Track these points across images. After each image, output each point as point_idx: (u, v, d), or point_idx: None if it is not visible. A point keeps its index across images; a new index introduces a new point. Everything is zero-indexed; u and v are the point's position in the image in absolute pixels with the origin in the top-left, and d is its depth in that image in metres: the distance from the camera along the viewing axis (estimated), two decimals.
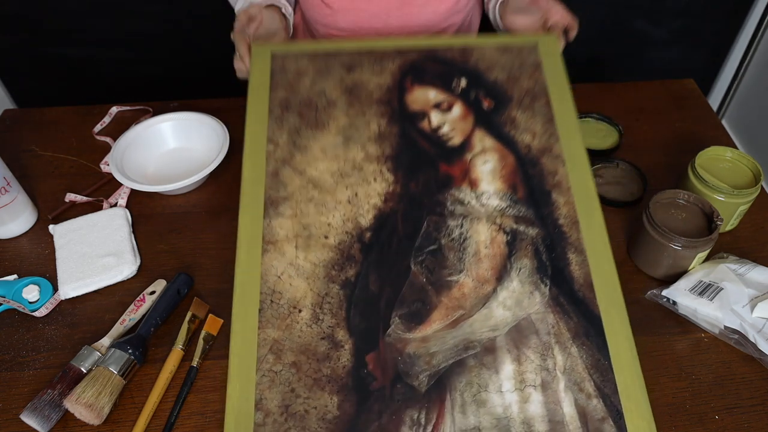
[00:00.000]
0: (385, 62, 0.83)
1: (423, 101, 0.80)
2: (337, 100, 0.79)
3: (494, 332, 0.65)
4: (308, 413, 0.60)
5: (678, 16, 1.76)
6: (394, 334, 0.65)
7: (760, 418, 0.62)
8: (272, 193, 0.72)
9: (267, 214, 0.71)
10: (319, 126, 0.77)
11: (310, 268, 0.68)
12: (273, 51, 0.84)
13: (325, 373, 0.62)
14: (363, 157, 0.75)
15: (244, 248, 0.68)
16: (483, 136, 0.77)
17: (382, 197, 0.72)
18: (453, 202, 0.72)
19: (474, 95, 0.81)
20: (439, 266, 0.68)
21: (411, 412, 0.60)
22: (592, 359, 0.63)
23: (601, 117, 0.95)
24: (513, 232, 0.70)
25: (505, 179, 0.74)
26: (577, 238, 0.69)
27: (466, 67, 0.83)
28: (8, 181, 0.77)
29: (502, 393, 0.61)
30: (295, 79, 0.82)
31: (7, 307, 0.72)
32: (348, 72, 0.82)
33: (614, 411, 0.60)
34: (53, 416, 0.61)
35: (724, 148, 0.80)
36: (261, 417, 0.59)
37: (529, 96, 0.80)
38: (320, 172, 0.74)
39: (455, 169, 0.75)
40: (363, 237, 0.70)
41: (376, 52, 0.84)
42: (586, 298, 0.66)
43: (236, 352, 0.62)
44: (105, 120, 0.97)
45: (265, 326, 0.64)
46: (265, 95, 0.80)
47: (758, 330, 0.66)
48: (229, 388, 0.60)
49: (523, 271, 0.68)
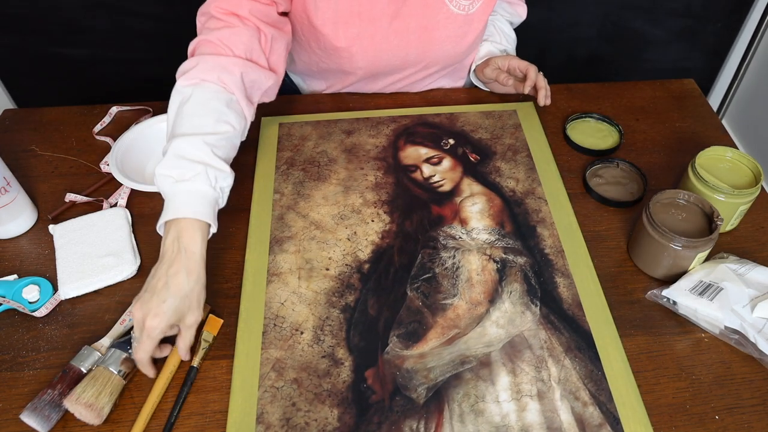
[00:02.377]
0: (381, 127, 0.94)
1: (415, 157, 0.89)
2: (338, 158, 0.89)
3: (489, 348, 0.67)
4: (309, 425, 0.61)
5: (678, 16, 1.76)
6: (393, 351, 0.67)
7: (760, 418, 0.62)
8: (277, 234, 0.79)
9: (272, 251, 0.77)
10: (321, 178, 0.86)
11: (311, 296, 0.72)
12: (280, 121, 0.95)
13: (325, 388, 0.64)
14: (361, 202, 0.83)
15: (250, 280, 0.74)
16: (471, 182, 0.85)
17: (379, 234, 0.79)
18: (445, 237, 0.78)
19: (461, 151, 0.90)
20: (434, 291, 0.73)
21: (410, 422, 0.61)
22: (586, 370, 0.65)
23: (601, 117, 0.95)
24: (503, 260, 0.76)
25: (493, 217, 0.81)
26: (563, 264, 0.75)
27: (454, 129, 0.94)
28: (8, 181, 0.77)
29: (499, 403, 0.63)
30: (299, 142, 0.92)
31: (7, 307, 0.72)
32: (347, 136, 0.93)
33: (611, 417, 0.62)
34: (53, 416, 0.61)
35: (724, 148, 0.80)
36: (262, 429, 0.61)
37: (511, 150, 0.90)
38: (322, 215, 0.81)
39: (446, 210, 0.82)
40: (362, 268, 0.75)
41: (372, 119, 0.95)
42: (575, 316, 0.70)
43: (239, 371, 0.66)
44: (105, 120, 0.97)
45: (268, 347, 0.68)
46: (272, 155, 0.90)
47: (758, 330, 0.66)
48: (231, 404, 0.63)
49: (513, 294, 0.72)
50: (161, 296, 0.61)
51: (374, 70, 0.95)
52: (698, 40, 1.83)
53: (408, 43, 0.91)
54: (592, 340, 0.68)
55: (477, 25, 0.91)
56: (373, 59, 0.92)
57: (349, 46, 0.89)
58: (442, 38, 0.91)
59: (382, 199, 0.83)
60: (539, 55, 1.81)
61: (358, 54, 0.90)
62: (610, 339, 0.68)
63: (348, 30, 0.87)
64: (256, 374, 0.65)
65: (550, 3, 1.70)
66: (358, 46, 0.89)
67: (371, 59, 0.92)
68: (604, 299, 0.71)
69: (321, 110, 0.98)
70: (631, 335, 0.69)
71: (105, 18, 1.63)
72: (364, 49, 0.90)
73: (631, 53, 1.86)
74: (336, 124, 0.94)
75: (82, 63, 1.74)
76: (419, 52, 0.93)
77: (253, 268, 0.75)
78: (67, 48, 1.70)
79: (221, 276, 0.75)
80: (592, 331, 0.68)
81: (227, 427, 0.61)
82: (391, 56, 0.92)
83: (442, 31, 0.90)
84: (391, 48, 0.91)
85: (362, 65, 0.92)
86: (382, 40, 0.89)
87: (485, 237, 0.78)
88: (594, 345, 0.67)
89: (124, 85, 1.80)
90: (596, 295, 0.72)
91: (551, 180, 0.85)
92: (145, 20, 1.64)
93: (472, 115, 0.96)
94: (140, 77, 1.78)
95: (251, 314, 0.70)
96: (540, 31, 1.73)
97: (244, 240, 0.79)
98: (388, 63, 0.93)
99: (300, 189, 0.85)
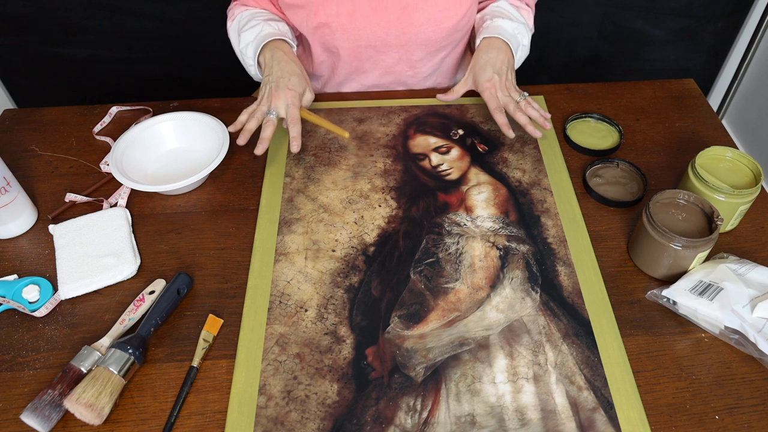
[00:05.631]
0: (392, 116, 0.96)
1: (424, 146, 0.91)
2: (348, 144, 0.92)
3: (488, 331, 0.69)
4: (309, 398, 0.64)
5: (678, 16, 1.76)
6: (393, 331, 0.69)
7: (760, 418, 0.62)
8: (286, 215, 0.81)
9: (280, 232, 0.79)
10: (332, 164, 0.89)
11: (317, 276, 0.74)
12: None
13: (326, 363, 0.66)
14: (369, 188, 0.85)
15: (257, 258, 0.76)
16: (478, 172, 0.87)
17: (386, 219, 0.81)
18: (450, 224, 0.80)
19: (470, 141, 0.91)
20: (437, 275, 0.74)
21: (407, 399, 0.63)
22: (582, 356, 0.67)
23: (601, 117, 0.95)
24: (505, 248, 0.77)
25: (498, 206, 0.82)
26: (565, 254, 0.76)
27: (463, 120, 0.95)
28: (8, 181, 0.77)
29: (495, 384, 0.64)
30: (312, 129, 0.94)
31: (7, 307, 0.72)
32: (359, 123, 0.95)
33: (605, 402, 0.63)
34: (53, 416, 0.61)
35: (724, 148, 0.80)
36: (264, 400, 0.63)
37: (519, 142, 0.91)
38: (330, 199, 0.83)
39: (452, 198, 0.83)
40: (367, 251, 0.77)
41: (383, 108, 0.98)
42: (575, 303, 0.71)
43: (244, 344, 0.68)
44: (105, 120, 0.97)
45: (273, 323, 0.70)
46: (284, 141, 0.92)
47: (758, 330, 0.66)
48: (235, 375, 0.65)
49: (515, 280, 0.74)
50: (285, 77, 0.85)
51: (356, 52, 0.96)
52: (698, 40, 1.83)
53: (387, 22, 0.93)
54: (590, 327, 0.69)
55: (458, 10, 0.93)
56: (353, 37, 0.94)
57: (329, 22, 0.92)
58: (422, 20, 0.93)
59: (390, 186, 0.85)
60: (539, 55, 1.81)
61: (338, 31, 0.93)
62: (608, 327, 0.69)
63: (327, 6, 0.91)
64: (260, 348, 0.67)
65: (550, 3, 1.70)
66: (338, 22, 0.92)
67: (351, 38, 0.94)
68: (605, 289, 0.72)
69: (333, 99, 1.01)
70: (631, 335, 0.69)
71: (105, 18, 1.63)
72: (343, 26, 0.92)
73: (631, 53, 1.86)
74: (348, 112, 0.97)
75: (82, 63, 1.74)
76: (399, 33, 0.94)
77: (261, 248, 0.77)
78: (67, 48, 1.70)
79: (221, 276, 0.75)
80: (590, 319, 0.69)
81: (230, 396, 0.64)
82: (370, 35, 0.94)
83: (422, 14, 0.92)
84: (370, 26, 0.93)
85: (343, 44, 0.95)
86: (360, 17, 0.92)
87: (489, 225, 0.79)
88: (592, 332, 0.68)
89: (124, 85, 1.80)
90: (596, 285, 0.73)
91: (558, 172, 0.87)
92: (145, 20, 1.64)
93: (482, 108, 0.97)
94: (140, 77, 1.78)
95: (258, 291, 0.73)
96: (540, 31, 1.73)
97: (244, 240, 0.79)
98: (368, 44, 0.95)
99: (310, 173, 0.87)
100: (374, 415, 0.62)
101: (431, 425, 0.61)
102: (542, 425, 0.61)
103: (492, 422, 0.61)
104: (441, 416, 0.62)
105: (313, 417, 0.62)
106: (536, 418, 0.61)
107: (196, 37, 1.67)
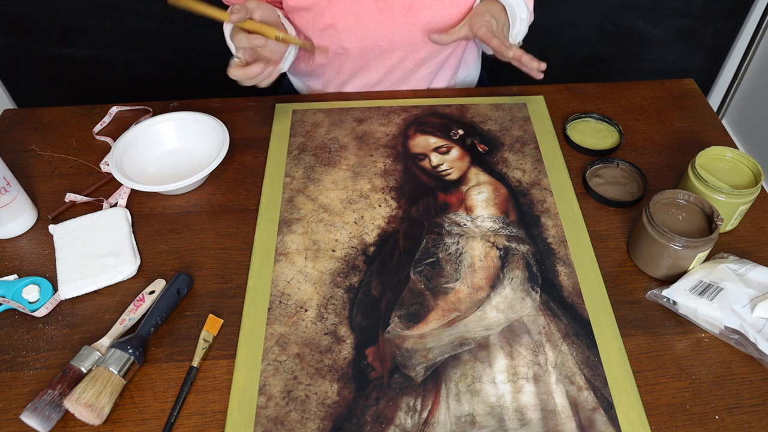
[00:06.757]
0: (392, 116, 0.96)
1: (424, 145, 0.91)
2: (348, 144, 0.91)
3: (488, 331, 0.69)
4: (309, 398, 0.64)
5: (678, 16, 1.76)
6: (393, 331, 0.69)
7: (760, 418, 0.62)
8: (286, 215, 0.81)
9: (280, 232, 0.79)
10: (332, 164, 0.88)
11: (317, 276, 0.74)
12: (294, 108, 0.97)
13: (326, 363, 0.66)
14: (369, 188, 0.85)
15: (257, 258, 0.77)
16: (478, 172, 0.87)
17: (386, 219, 0.81)
18: (450, 224, 0.80)
19: (470, 141, 0.91)
20: (437, 275, 0.74)
21: (407, 399, 0.63)
22: (582, 356, 0.67)
23: (601, 117, 0.95)
24: (505, 248, 0.77)
25: (498, 206, 0.82)
26: (565, 254, 0.76)
27: (463, 120, 0.95)
28: (8, 181, 0.77)
29: (495, 384, 0.64)
30: (312, 129, 0.94)
31: (7, 307, 0.72)
32: (359, 123, 0.95)
33: (605, 402, 0.63)
34: (53, 416, 0.61)
35: (724, 148, 0.80)
36: (264, 400, 0.63)
37: (519, 142, 0.91)
38: (330, 199, 0.83)
39: (452, 198, 0.83)
40: (367, 251, 0.77)
41: (383, 108, 0.97)
42: (575, 304, 0.71)
43: (244, 344, 0.68)
44: (105, 120, 0.97)
45: (273, 323, 0.70)
46: (285, 140, 0.92)
47: (758, 330, 0.66)
48: (235, 375, 0.66)
49: (515, 280, 0.74)
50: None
51: (363, 52, 0.96)
52: (698, 40, 1.84)
53: (394, 21, 0.92)
54: (590, 327, 0.69)
55: (463, 6, 0.92)
56: (360, 38, 0.94)
57: (336, 23, 0.91)
58: (428, 18, 0.93)
59: (390, 185, 0.85)
60: (539, 55, 1.81)
61: (345, 32, 0.92)
62: (608, 327, 0.69)
63: (333, 8, 0.90)
64: (260, 348, 0.68)
65: (550, 3, 1.70)
66: (344, 23, 0.91)
67: (358, 38, 0.94)
68: (605, 289, 0.72)
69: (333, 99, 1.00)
70: (631, 335, 0.69)
71: (105, 18, 1.63)
72: (350, 27, 0.92)
73: (631, 53, 1.86)
74: (348, 112, 0.97)
75: (82, 63, 1.74)
76: (405, 32, 0.94)
77: (261, 248, 0.77)
78: (67, 48, 1.70)
79: (221, 276, 0.75)
80: (590, 319, 0.69)
81: (230, 396, 0.64)
82: (377, 35, 0.94)
83: (428, 11, 0.92)
84: (377, 26, 0.92)
85: (349, 45, 0.94)
86: (367, 17, 0.91)
87: (489, 225, 0.79)
88: (592, 332, 0.68)
89: (124, 85, 1.80)
90: (596, 285, 0.73)
91: (558, 172, 0.87)
92: (145, 20, 1.64)
93: (482, 107, 0.97)
94: (140, 77, 1.78)
95: (258, 291, 0.73)
96: (540, 31, 1.73)
97: (244, 240, 0.79)
98: (375, 43, 0.95)
99: (310, 173, 0.87)
100: (374, 415, 0.62)
101: (431, 425, 0.61)
102: (542, 425, 0.61)
103: (492, 422, 0.61)
104: (441, 416, 0.62)
105: (313, 417, 0.62)
106: (536, 418, 0.61)
107: (196, 37, 1.67)
